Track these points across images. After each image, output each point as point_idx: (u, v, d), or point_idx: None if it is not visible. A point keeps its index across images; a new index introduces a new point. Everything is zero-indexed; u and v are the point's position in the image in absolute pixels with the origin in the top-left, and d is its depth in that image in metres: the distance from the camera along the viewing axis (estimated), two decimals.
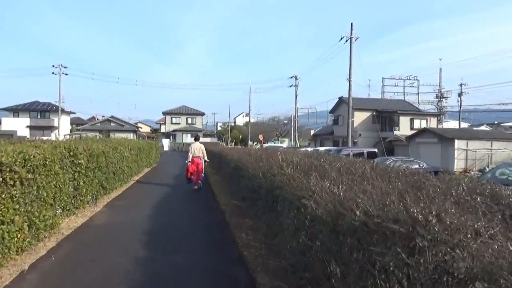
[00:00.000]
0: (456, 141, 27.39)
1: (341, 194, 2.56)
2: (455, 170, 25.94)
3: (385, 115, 39.68)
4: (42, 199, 5.14)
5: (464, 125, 54.31)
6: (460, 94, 57.57)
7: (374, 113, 40.43)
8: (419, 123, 37.80)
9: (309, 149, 31.03)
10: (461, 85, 57.49)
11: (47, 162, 5.34)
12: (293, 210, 3.04)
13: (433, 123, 38.30)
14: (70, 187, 6.63)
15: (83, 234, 5.97)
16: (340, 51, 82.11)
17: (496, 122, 62.44)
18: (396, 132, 36.89)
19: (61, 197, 6.04)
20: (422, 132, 31.37)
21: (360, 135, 39.15)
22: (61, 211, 6.32)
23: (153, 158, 20.56)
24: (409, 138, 32.83)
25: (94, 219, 7.04)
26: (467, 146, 27.44)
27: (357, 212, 2.15)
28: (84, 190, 7.33)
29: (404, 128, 37.35)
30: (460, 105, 57.82)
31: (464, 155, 27.49)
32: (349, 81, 31.83)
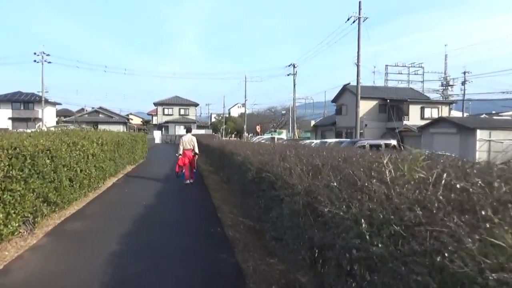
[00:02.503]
0: (478, 131, 24.71)
1: None
2: None
3: (392, 104, 36.84)
4: None
5: (464, 115, 51.78)
6: (463, 83, 55.22)
7: (381, 102, 37.68)
8: (430, 112, 35.13)
9: (315, 141, 28.10)
10: (464, 73, 55.11)
11: None
12: None
13: (444, 112, 35.61)
14: None
15: None
16: (340, 38, 78.83)
17: (494, 112, 60.16)
18: (405, 122, 34.19)
19: None
20: (437, 121, 28.66)
21: (366, 125, 36.39)
22: None
23: (139, 153, 17.56)
24: (422, 128, 30.14)
25: (13, 267, 4.10)
26: (490, 137, 24.78)
27: None
28: (1, 215, 4.40)
29: (414, 117, 34.69)
30: (464, 94, 55.48)
31: (486, 147, 24.83)
32: (358, 66, 28.86)
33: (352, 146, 15.51)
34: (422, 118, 34.49)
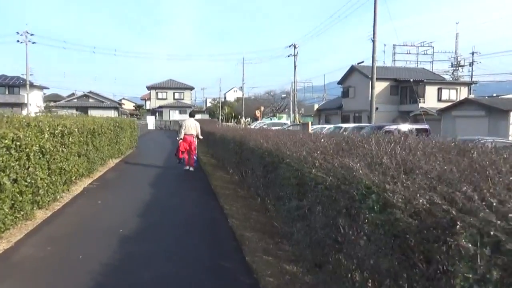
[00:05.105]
0: None
1: None
2: None
3: (405, 86, 33.86)
4: None
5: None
6: (471, 64, 52.29)
7: (393, 83, 34.68)
8: (447, 94, 32.23)
9: (327, 126, 25.14)
10: (472, 53, 52.07)
11: None
12: None
13: (463, 93, 32.69)
14: None
15: None
16: (346, 15, 75.06)
17: (495, 95, 57.50)
18: (421, 105, 31.26)
19: None
20: (461, 103, 25.81)
21: (377, 108, 33.44)
22: None
23: (127, 142, 14.55)
24: (442, 111, 27.27)
25: None
26: None
27: None
28: None
29: (430, 100, 31.77)
30: (472, 75, 52.57)
31: None
32: (373, 41, 25.56)
33: (377, 132, 12.64)
34: (439, 100, 31.64)
